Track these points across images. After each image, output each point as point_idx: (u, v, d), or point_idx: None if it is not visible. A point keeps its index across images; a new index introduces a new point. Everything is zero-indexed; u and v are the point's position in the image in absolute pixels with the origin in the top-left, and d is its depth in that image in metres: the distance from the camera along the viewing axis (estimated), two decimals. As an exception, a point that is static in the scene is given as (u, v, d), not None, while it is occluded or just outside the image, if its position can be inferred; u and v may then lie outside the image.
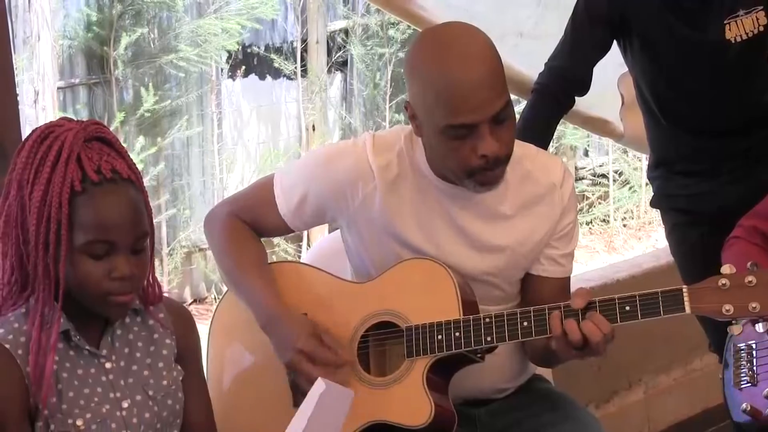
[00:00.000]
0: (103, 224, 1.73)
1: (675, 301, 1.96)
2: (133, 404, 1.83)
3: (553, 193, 2.20)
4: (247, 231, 2.23)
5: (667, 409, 3.95)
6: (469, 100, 1.97)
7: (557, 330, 2.01)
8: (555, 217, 2.20)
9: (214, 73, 6.48)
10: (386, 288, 2.15)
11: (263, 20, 6.51)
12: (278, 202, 2.20)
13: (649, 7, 2.65)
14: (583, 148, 7.96)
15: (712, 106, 2.70)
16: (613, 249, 7.55)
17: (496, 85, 2.01)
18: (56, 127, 1.77)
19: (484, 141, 1.99)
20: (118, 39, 5.90)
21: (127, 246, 1.75)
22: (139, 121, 5.97)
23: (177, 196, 6.32)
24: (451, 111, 1.98)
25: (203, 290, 6.51)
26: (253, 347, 2.22)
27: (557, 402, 2.32)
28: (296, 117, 6.96)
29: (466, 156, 2.01)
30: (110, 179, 1.74)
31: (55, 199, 1.71)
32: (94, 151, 1.75)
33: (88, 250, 1.73)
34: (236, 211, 2.25)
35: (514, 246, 2.19)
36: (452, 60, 2.00)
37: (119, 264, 1.75)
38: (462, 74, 1.98)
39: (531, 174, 2.19)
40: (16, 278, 1.78)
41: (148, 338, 1.90)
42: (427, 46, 2.06)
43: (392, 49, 6.95)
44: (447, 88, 1.98)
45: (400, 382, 2.09)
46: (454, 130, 1.99)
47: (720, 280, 1.95)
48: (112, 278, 1.75)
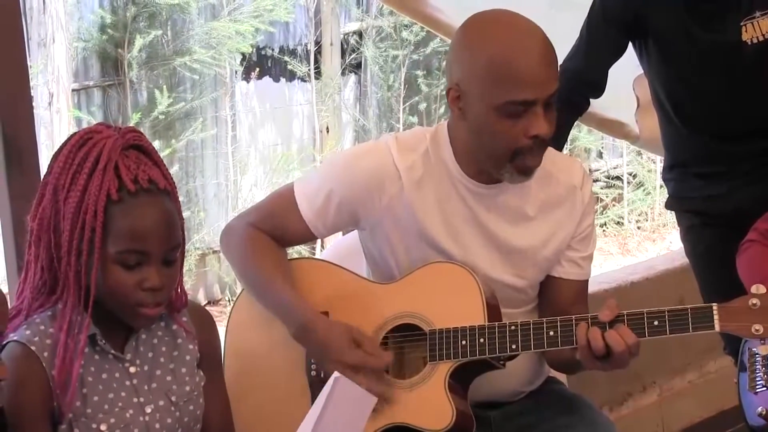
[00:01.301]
0: (137, 235, 1.72)
1: (704, 318, 1.96)
2: (156, 409, 1.83)
3: (574, 195, 2.20)
4: (267, 239, 2.21)
5: (681, 412, 3.93)
6: (535, 75, 1.99)
7: (582, 340, 2.01)
8: (576, 219, 2.20)
9: (228, 75, 6.49)
10: (410, 290, 2.14)
11: (277, 22, 6.52)
12: (301, 207, 2.18)
13: (665, 8, 2.65)
14: (597, 151, 7.94)
15: (729, 107, 2.69)
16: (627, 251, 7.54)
17: (556, 65, 2.05)
18: (95, 133, 1.77)
19: (537, 120, 2.01)
20: (132, 41, 5.92)
21: (159, 257, 1.75)
22: (153, 124, 5.98)
23: (191, 198, 6.34)
24: (515, 85, 1.98)
25: (217, 292, 6.52)
26: (271, 345, 2.21)
27: (572, 404, 2.31)
28: (310, 119, 6.96)
29: (516, 135, 2.02)
30: (147, 189, 1.73)
31: (90, 206, 1.71)
32: (131, 159, 1.75)
33: (120, 260, 1.73)
34: (255, 222, 2.23)
35: (537, 247, 2.18)
36: (520, 36, 2.02)
37: (151, 275, 1.75)
38: (531, 50, 2.00)
39: (552, 175, 2.19)
40: (45, 281, 1.78)
41: (171, 343, 1.90)
42: (488, 25, 2.06)
43: (406, 51, 6.95)
44: (514, 62, 1.98)
45: (422, 386, 2.09)
46: (513, 107, 1.99)
47: (751, 300, 1.95)
48: (143, 289, 1.75)
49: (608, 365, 2.03)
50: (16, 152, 2.26)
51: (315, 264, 2.32)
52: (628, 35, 2.75)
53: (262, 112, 6.88)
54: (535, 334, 2.04)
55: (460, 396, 2.08)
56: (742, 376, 2.52)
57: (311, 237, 2.22)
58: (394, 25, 6.90)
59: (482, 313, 2.06)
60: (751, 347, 2.52)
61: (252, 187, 6.60)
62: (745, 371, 2.52)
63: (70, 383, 1.73)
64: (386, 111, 7.21)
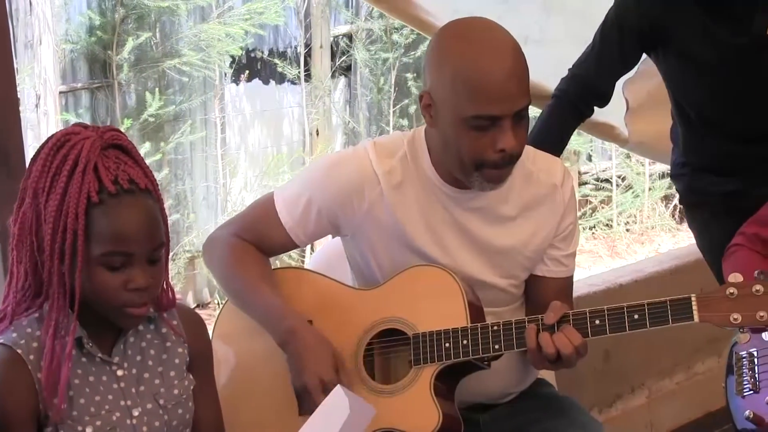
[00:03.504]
0: (120, 236, 1.71)
1: (684, 309, 1.97)
2: (143, 413, 1.83)
3: (554, 194, 2.21)
4: (250, 248, 2.21)
5: (669, 413, 3.95)
6: (500, 91, 1.98)
7: (531, 343, 2.03)
8: (557, 218, 2.21)
9: (217, 77, 6.48)
10: (393, 295, 2.14)
11: (267, 25, 6.52)
12: (281, 215, 2.18)
13: (684, 13, 2.64)
14: (586, 153, 7.95)
15: (753, 109, 2.69)
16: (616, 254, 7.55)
17: (525, 81, 2.03)
18: (73, 135, 1.75)
19: (505, 135, 2.00)
20: (120, 43, 5.91)
21: (143, 257, 1.74)
22: (143, 126, 5.97)
23: (180, 201, 6.32)
24: (481, 100, 1.98)
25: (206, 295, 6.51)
26: (258, 354, 2.21)
27: (561, 406, 2.32)
28: (300, 122, 6.96)
29: (483, 148, 2.02)
30: (128, 190, 1.72)
31: (71, 209, 1.70)
32: (111, 160, 1.74)
33: (104, 262, 1.72)
34: (237, 232, 2.23)
35: (519, 247, 2.19)
36: (488, 51, 2.00)
37: (136, 275, 1.74)
38: (497, 65, 1.99)
39: (532, 175, 2.20)
40: (30, 284, 1.77)
41: (160, 346, 1.89)
42: (460, 35, 2.06)
43: (396, 53, 6.94)
44: (480, 78, 1.98)
45: (408, 390, 2.09)
46: (479, 121, 1.99)
47: (728, 289, 1.95)
48: (129, 289, 1.74)
49: (556, 366, 2.05)
50: (3, 154, 2.26)
51: (297, 273, 2.33)
52: (643, 47, 2.75)
53: (252, 115, 6.88)
54: (517, 333, 2.04)
55: (447, 399, 2.09)
56: (730, 379, 2.53)
57: (293, 245, 2.22)
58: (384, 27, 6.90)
59: (465, 315, 2.07)
60: (738, 351, 2.53)
61: (241, 189, 6.59)
62: (733, 375, 2.52)
63: (57, 386, 1.72)
64: (376, 114, 7.21)
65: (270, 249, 2.24)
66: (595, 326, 2.01)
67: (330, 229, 2.22)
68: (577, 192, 7.23)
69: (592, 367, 3.46)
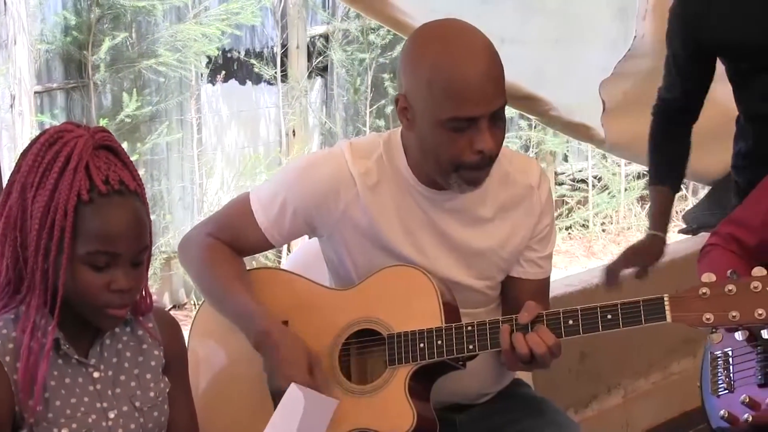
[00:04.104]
0: (108, 236, 1.71)
1: (656, 309, 1.97)
2: (119, 415, 1.82)
3: (531, 195, 2.21)
4: (225, 248, 2.20)
5: (645, 413, 3.97)
6: (477, 92, 1.98)
7: (505, 343, 2.03)
8: (534, 219, 2.21)
9: (193, 78, 6.45)
10: (368, 295, 2.14)
11: (243, 25, 6.50)
12: (257, 215, 2.18)
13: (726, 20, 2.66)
14: (562, 154, 7.97)
15: None
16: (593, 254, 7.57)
17: (501, 81, 2.03)
18: (65, 132, 1.75)
19: (482, 136, 2.00)
20: (96, 43, 5.88)
21: (128, 259, 1.74)
22: (119, 127, 5.94)
23: (156, 202, 6.29)
24: (458, 102, 1.98)
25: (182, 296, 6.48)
26: (234, 355, 2.21)
27: (538, 407, 2.32)
28: (276, 122, 6.94)
29: (461, 150, 2.02)
30: (118, 191, 1.72)
31: (60, 206, 1.69)
32: (101, 160, 1.73)
33: (89, 261, 1.72)
34: (212, 232, 2.22)
35: (495, 249, 2.19)
36: (463, 52, 2.00)
37: (119, 277, 1.73)
38: (473, 67, 1.99)
39: (509, 176, 2.20)
40: (10, 280, 1.76)
41: (137, 349, 1.89)
42: (435, 37, 2.06)
43: (373, 54, 6.94)
44: (456, 80, 1.98)
45: (382, 390, 2.09)
46: (456, 123, 1.99)
47: (701, 289, 1.96)
48: (111, 290, 1.73)
49: (530, 367, 2.06)
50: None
51: (273, 273, 2.33)
52: (708, 58, 2.77)
53: (229, 115, 6.86)
54: (491, 333, 2.05)
55: (422, 399, 2.09)
56: (705, 379, 2.54)
57: (269, 246, 2.22)
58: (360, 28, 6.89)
59: (439, 315, 2.07)
60: (713, 350, 2.54)
61: (218, 190, 6.57)
62: (707, 375, 2.54)
63: (33, 387, 1.71)
64: (353, 114, 7.20)
65: (245, 249, 2.23)
66: (569, 326, 2.02)
67: (306, 229, 2.22)
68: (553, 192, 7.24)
69: (568, 367, 3.47)
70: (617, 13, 3.63)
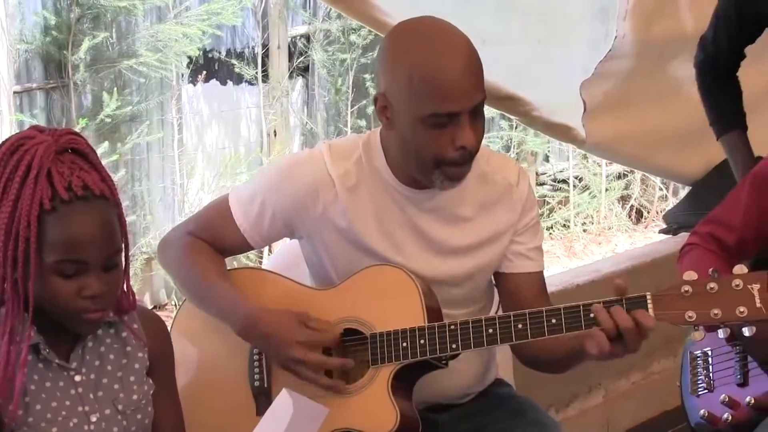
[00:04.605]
0: (73, 244, 1.69)
1: (639, 307, 1.98)
2: (101, 418, 1.81)
3: (510, 193, 2.21)
4: (206, 245, 2.20)
5: (626, 412, 3.98)
6: (457, 87, 1.99)
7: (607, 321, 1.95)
8: (515, 216, 2.21)
9: (174, 78, 6.43)
10: (350, 295, 2.14)
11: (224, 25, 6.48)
12: (236, 217, 2.18)
13: None
14: (543, 154, 7.99)
15: None
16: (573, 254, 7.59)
17: (480, 75, 2.04)
18: (27, 139, 1.73)
19: (463, 132, 2.01)
20: (76, 43, 5.85)
21: (98, 264, 1.72)
22: (99, 127, 5.91)
23: (136, 202, 6.27)
24: (438, 98, 1.98)
25: (163, 297, 6.46)
26: (215, 354, 2.21)
27: (519, 406, 2.33)
28: (257, 122, 6.93)
29: (442, 146, 2.02)
30: (81, 197, 1.70)
31: (23, 217, 1.67)
32: (65, 165, 1.71)
33: (57, 269, 1.70)
34: (193, 232, 2.22)
35: (476, 248, 2.20)
36: (442, 48, 2.01)
37: (90, 283, 1.72)
38: (452, 62, 1.99)
39: (487, 175, 2.20)
40: None
41: (120, 351, 1.87)
42: (412, 35, 2.06)
43: (354, 54, 6.93)
44: (436, 75, 1.98)
45: (365, 390, 2.09)
46: (437, 119, 2.00)
47: (683, 287, 1.97)
48: (83, 297, 1.72)
49: (619, 348, 1.98)
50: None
51: (254, 273, 2.33)
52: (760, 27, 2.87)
53: (209, 116, 6.85)
54: (474, 332, 2.05)
55: (405, 398, 2.09)
56: (685, 379, 2.55)
57: (248, 247, 2.22)
58: (342, 28, 6.88)
59: (422, 314, 2.07)
60: (693, 350, 2.55)
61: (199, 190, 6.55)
62: (687, 375, 2.55)
63: (12, 393, 1.70)
64: (334, 114, 7.19)
65: (225, 250, 2.23)
66: (552, 325, 2.01)
67: (285, 231, 2.22)
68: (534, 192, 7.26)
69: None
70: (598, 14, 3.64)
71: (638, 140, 3.94)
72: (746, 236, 2.49)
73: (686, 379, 2.56)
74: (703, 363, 2.53)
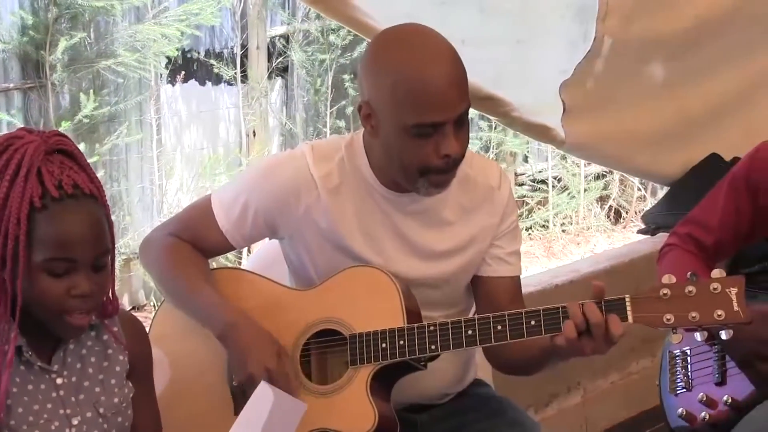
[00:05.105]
0: (63, 242, 1.69)
1: (618, 309, 1.98)
2: (83, 421, 1.80)
3: (492, 196, 2.22)
4: (187, 246, 2.20)
5: (604, 412, 3.99)
6: (441, 98, 1.99)
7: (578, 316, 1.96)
8: (496, 220, 2.22)
9: (153, 78, 6.41)
10: (330, 296, 2.14)
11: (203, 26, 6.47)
12: (218, 217, 2.18)
13: None
14: (522, 155, 8.01)
15: None
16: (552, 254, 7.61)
17: (464, 85, 2.04)
18: (16, 139, 1.73)
19: (448, 140, 2.01)
20: (54, 43, 5.82)
21: (87, 263, 1.72)
22: (77, 127, 5.89)
23: (115, 203, 6.24)
24: (422, 108, 1.98)
25: (142, 297, 6.43)
26: (193, 355, 2.20)
27: (498, 406, 2.33)
28: (236, 123, 6.91)
29: (427, 155, 2.02)
30: (71, 195, 1.70)
31: (13, 214, 1.67)
32: (55, 164, 1.71)
33: (47, 268, 1.69)
34: (174, 233, 2.21)
35: (457, 251, 2.20)
36: (426, 58, 2.01)
37: (79, 282, 1.71)
38: (437, 72, 1.99)
39: (470, 178, 2.21)
40: None
41: (101, 354, 1.87)
42: (397, 44, 2.06)
43: (333, 55, 6.93)
44: (421, 86, 1.98)
45: (344, 390, 2.09)
46: (422, 129, 2.00)
47: (661, 290, 1.98)
48: (72, 296, 1.71)
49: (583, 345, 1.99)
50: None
51: (234, 273, 2.32)
52: None
53: (188, 116, 6.83)
54: (453, 334, 2.05)
55: (383, 399, 2.09)
56: (664, 378, 2.56)
57: (230, 248, 2.22)
58: (321, 28, 6.87)
59: (401, 315, 2.07)
60: (672, 349, 2.56)
61: (177, 191, 6.53)
62: (665, 374, 2.56)
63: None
64: (313, 115, 7.18)
65: (207, 251, 2.23)
66: (531, 326, 2.02)
67: (267, 232, 2.21)
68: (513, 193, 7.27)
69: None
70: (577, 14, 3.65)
71: (617, 141, 3.95)
72: (724, 237, 2.50)
73: (665, 378, 2.57)
74: (682, 362, 2.54)
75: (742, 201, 2.49)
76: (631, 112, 3.92)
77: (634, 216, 7.82)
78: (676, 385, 2.53)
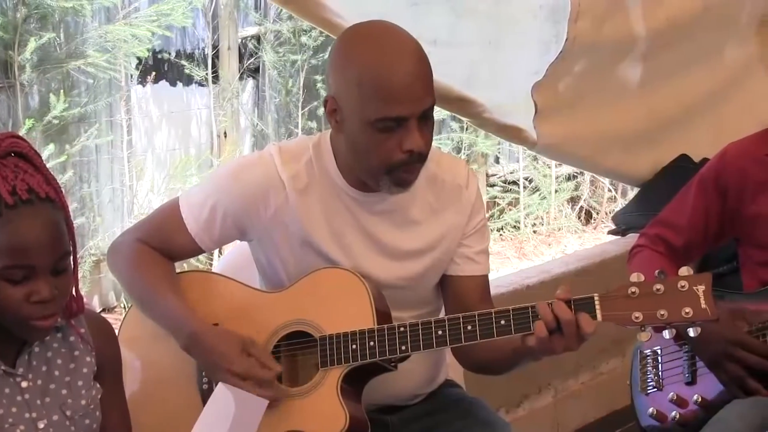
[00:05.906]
0: (19, 249, 1.67)
1: (586, 308, 1.99)
2: (49, 424, 1.79)
3: (460, 195, 2.22)
4: (154, 253, 2.19)
5: (575, 412, 4.01)
6: (405, 92, 1.99)
7: (548, 315, 1.97)
8: (464, 218, 2.23)
9: (123, 79, 6.37)
10: (299, 298, 2.14)
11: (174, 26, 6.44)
12: (186, 220, 2.17)
13: None
14: (494, 156, 8.02)
15: None
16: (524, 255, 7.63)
17: (429, 81, 2.04)
18: None
19: (411, 136, 2.01)
20: (23, 43, 5.77)
21: (46, 269, 1.70)
22: (46, 128, 5.84)
23: (85, 204, 6.20)
24: (386, 102, 1.98)
25: (112, 299, 6.39)
26: (163, 358, 2.19)
27: (469, 407, 2.33)
28: (207, 123, 6.89)
29: (390, 150, 2.02)
30: (26, 200, 1.67)
31: None
32: (9, 168, 1.69)
33: (4, 276, 1.68)
34: (142, 237, 2.20)
35: (426, 250, 2.20)
36: (391, 53, 2.01)
37: (39, 287, 1.69)
38: (401, 67, 2.00)
39: (437, 177, 2.21)
40: None
41: (68, 355, 1.85)
42: (362, 39, 2.06)
43: (305, 56, 6.92)
44: (385, 80, 1.98)
45: (314, 392, 2.09)
46: (385, 123, 2.00)
47: (630, 288, 1.99)
48: (32, 302, 1.69)
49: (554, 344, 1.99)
50: None
51: (204, 276, 2.32)
52: None
53: (159, 117, 6.80)
54: (423, 335, 2.05)
55: (354, 401, 2.09)
56: (634, 377, 2.58)
57: (199, 250, 2.21)
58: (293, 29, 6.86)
59: (371, 317, 2.07)
60: (643, 349, 2.58)
61: (148, 192, 6.50)
62: (636, 373, 2.57)
63: None
64: (285, 116, 7.17)
65: (176, 254, 2.22)
66: (501, 326, 2.02)
67: (236, 234, 2.21)
68: (485, 194, 7.28)
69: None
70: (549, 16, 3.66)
71: (588, 142, 3.97)
72: (693, 238, 2.52)
73: (636, 377, 2.59)
74: (652, 362, 2.55)
75: (711, 202, 2.51)
76: (602, 113, 3.94)
77: (605, 217, 7.86)
78: (647, 384, 2.55)
